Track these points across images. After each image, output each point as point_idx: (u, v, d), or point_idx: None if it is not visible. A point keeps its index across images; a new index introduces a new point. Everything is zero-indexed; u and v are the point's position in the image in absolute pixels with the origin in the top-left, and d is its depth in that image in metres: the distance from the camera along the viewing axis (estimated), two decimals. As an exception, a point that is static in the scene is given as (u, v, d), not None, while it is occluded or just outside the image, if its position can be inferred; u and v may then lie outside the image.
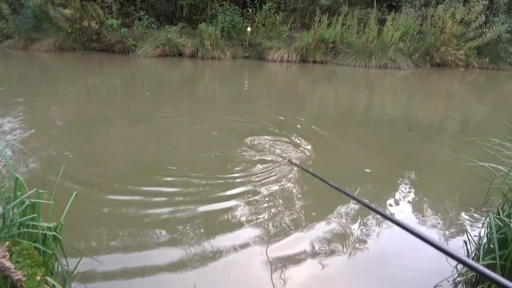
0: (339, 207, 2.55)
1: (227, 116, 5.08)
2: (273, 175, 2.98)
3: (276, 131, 4.29)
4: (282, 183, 2.87)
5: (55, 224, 1.54)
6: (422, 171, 3.39)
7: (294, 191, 2.77)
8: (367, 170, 3.18)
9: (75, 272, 1.71)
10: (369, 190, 2.87)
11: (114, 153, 3.57)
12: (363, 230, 2.30)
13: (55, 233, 1.53)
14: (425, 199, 2.78)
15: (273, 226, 2.28)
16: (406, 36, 11.44)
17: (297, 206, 2.54)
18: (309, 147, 3.76)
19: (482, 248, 1.73)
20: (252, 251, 2.04)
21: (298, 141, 3.94)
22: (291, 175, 3.01)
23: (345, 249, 2.10)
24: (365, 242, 2.18)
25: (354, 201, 2.67)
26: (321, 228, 2.29)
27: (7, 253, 1.37)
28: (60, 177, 1.71)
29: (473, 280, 1.79)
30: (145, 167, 3.16)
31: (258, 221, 2.33)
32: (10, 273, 1.33)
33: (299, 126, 4.63)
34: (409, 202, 2.73)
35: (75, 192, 1.61)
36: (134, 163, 3.25)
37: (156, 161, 3.30)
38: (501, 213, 1.80)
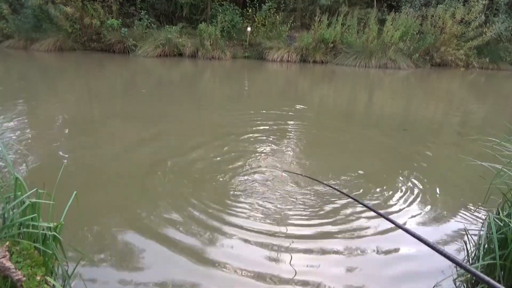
0: (337, 207, 2.55)
1: (227, 116, 5.08)
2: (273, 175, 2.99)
3: (274, 130, 4.29)
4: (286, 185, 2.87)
5: (55, 224, 1.54)
6: (421, 171, 3.38)
7: (294, 191, 2.77)
8: (360, 172, 3.17)
9: (75, 272, 1.71)
10: (368, 189, 2.87)
11: (114, 152, 3.56)
12: (363, 230, 2.30)
13: (55, 233, 1.53)
14: (425, 199, 2.77)
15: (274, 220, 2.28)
16: (406, 36, 11.43)
17: (298, 206, 2.54)
18: (305, 146, 3.77)
19: (482, 248, 1.73)
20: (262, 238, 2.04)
21: (295, 141, 3.94)
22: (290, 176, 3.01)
23: (344, 249, 2.10)
24: (365, 242, 2.18)
25: (353, 202, 2.67)
26: (319, 229, 2.29)
27: (7, 253, 1.37)
28: (60, 177, 1.70)
29: (473, 280, 1.79)
30: (146, 166, 3.16)
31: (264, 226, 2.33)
32: (10, 273, 1.33)
33: (297, 125, 4.63)
34: (408, 202, 2.72)
35: (75, 192, 1.61)
36: (135, 163, 3.25)
37: (157, 160, 3.30)
38: (501, 213, 1.80)
